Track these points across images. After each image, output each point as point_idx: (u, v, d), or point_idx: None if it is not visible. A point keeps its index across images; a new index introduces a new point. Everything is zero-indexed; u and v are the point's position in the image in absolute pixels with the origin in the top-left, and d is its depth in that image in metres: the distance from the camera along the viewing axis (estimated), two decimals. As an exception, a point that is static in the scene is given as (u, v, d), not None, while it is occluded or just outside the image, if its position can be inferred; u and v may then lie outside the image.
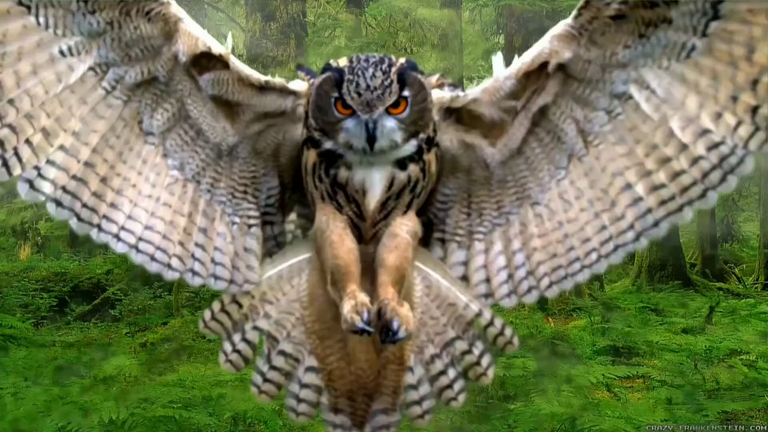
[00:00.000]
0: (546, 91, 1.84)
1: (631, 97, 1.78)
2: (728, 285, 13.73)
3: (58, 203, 1.77)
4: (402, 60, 1.82)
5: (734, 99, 1.67)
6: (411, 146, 1.83)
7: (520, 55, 1.85)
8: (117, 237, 1.83)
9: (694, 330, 9.00)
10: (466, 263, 2.02)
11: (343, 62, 1.81)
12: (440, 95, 1.92)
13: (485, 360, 2.03)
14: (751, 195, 18.59)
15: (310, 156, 1.87)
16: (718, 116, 1.69)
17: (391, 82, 1.75)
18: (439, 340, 1.99)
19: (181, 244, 1.87)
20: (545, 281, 1.94)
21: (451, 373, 2.00)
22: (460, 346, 2.00)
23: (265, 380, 1.96)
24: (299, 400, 1.98)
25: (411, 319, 1.77)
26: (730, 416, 5.93)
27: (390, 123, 1.78)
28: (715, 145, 1.71)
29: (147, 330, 8.43)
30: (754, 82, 1.65)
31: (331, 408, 1.98)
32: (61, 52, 1.73)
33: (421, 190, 1.90)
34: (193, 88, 1.86)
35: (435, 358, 1.98)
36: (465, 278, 2.02)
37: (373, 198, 1.86)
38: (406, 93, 1.77)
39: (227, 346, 1.96)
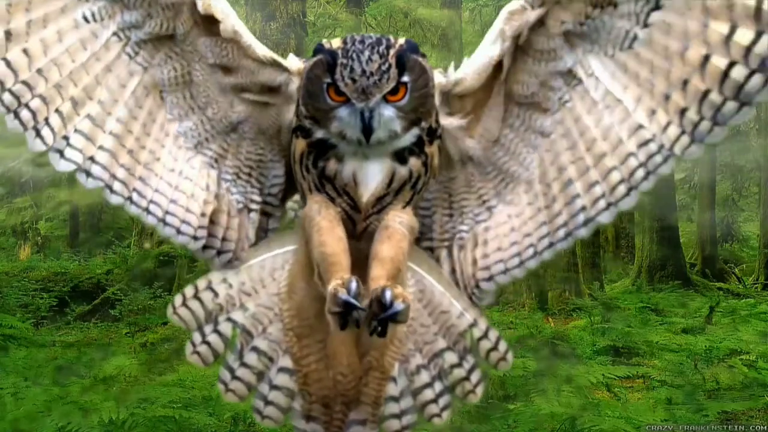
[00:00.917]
0: (510, 71, 1.79)
1: (580, 82, 1.75)
2: (728, 285, 13.73)
3: (88, 173, 1.72)
4: (401, 41, 1.69)
5: (667, 97, 1.66)
6: (411, 136, 1.71)
7: None
8: (147, 210, 1.79)
9: (694, 330, 9.00)
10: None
11: (336, 43, 1.67)
12: (440, 79, 1.81)
13: (475, 376, 1.86)
14: (751, 195, 18.59)
15: (299, 145, 1.76)
16: (652, 113, 1.69)
17: (389, 66, 1.62)
18: (428, 350, 1.86)
19: (203, 216, 1.83)
20: (485, 273, 1.89)
21: (437, 387, 1.85)
22: (450, 358, 1.86)
23: (234, 378, 1.84)
24: (267, 403, 1.85)
25: (408, 296, 1.61)
26: (730, 416, 5.93)
27: (388, 112, 1.66)
28: (645, 142, 1.72)
29: (147, 330, 8.44)
30: (685, 82, 1.63)
31: (303, 415, 1.84)
32: (85, 18, 1.70)
33: (422, 186, 1.78)
34: (202, 55, 1.79)
35: (421, 369, 1.85)
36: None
37: (367, 191, 1.74)
38: (405, 78, 1.65)
39: (196, 337, 1.84)
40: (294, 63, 1.83)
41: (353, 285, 1.57)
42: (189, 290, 1.85)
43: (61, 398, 5.35)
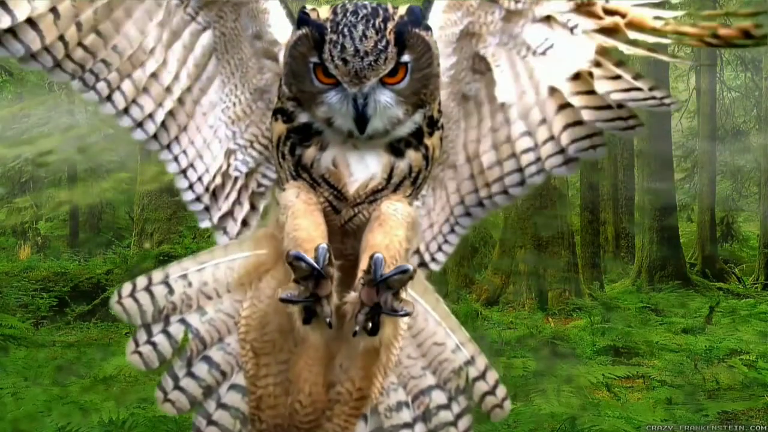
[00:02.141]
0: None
1: (489, 70, 1.66)
2: (728, 285, 13.73)
3: (155, 137, 1.69)
4: (401, 11, 1.46)
5: (556, 112, 1.60)
6: (412, 123, 1.51)
7: None
8: (176, 158, 1.72)
9: (694, 330, 9.00)
10: None
11: (324, 14, 1.46)
12: None
13: (463, 423, 1.64)
14: (751, 195, 18.59)
15: (277, 129, 1.56)
16: (542, 122, 1.62)
17: (387, 44, 1.41)
18: (413, 385, 1.63)
19: (214, 178, 1.75)
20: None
21: (418, 430, 1.62)
22: (438, 398, 1.63)
23: (178, 387, 1.61)
24: (210, 422, 1.61)
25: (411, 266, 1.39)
26: (730, 416, 5.93)
27: (385, 97, 1.46)
28: (526, 150, 1.66)
29: (147, 330, 8.42)
30: (564, 105, 1.58)
31: None
32: None
33: (422, 181, 1.60)
34: (241, 16, 1.68)
35: (402, 407, 1.62)
36: None
37: (354, 182, 1.53)
38: (406, 57, 1.44)
39: (141, 335, 1.62)
40: (283, 27, 1.65)
41: (322, 252, 1.36)
42: (141, 281, 1.63)
43: (61, 398, 5.34)
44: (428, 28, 1.48)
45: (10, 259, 12.98)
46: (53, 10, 1.53)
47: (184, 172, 1.74)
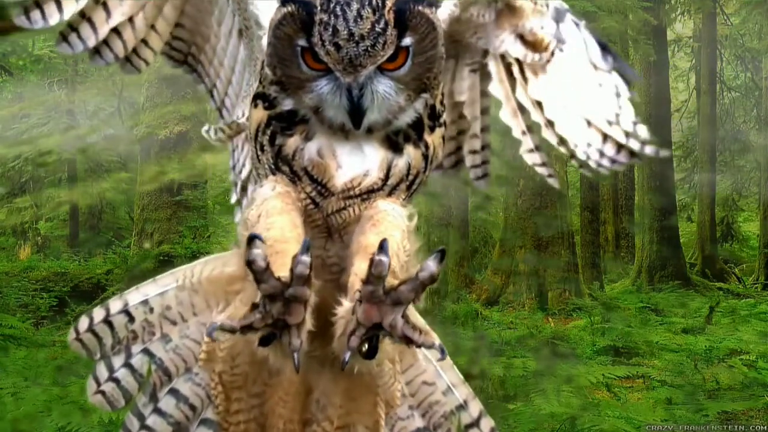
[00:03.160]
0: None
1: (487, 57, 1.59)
2: (728, 285, 13.73)
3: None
4: None
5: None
6: (413, 112, 1.34)
7: None
8: (210, 92, 1.70)
9: (694, 330, 9.00)
10: None
11: None
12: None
13: None
14: (751, 195, 18.59)
15: (256, 116, 1.39)
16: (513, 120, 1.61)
17: (386, 25, 1.23)
18: (400, 427, 1.46)
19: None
20: None
21: None
22: None
23: (144, 428, 1.44)
24: None
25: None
26: (730, 416, 5.93)
27: (383, 86, 1.29)
28: (478, 150, 1.65)
29: (147, 330, 8.42)
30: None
31: None
32: None
33: (417, 188, 1.42)
34: None
35: None
36: None
37: (343, 175, 1.34)
38: (407, 40, 1.27)
39: (101, 370, 1.45)
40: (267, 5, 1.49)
41: (302, 263, 1.13)
42: (99, 312, 1.48)
43: (61, 398, 5.34)
44: (432, 4, 1.30)
45: (10, 259, 12.98)
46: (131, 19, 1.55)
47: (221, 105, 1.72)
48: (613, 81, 1.55)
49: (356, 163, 1.35)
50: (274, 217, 1.31)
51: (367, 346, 1.16)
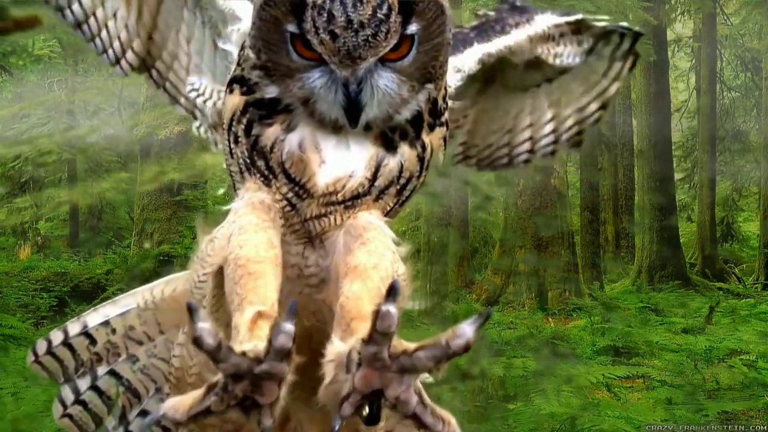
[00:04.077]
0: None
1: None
2: (728, 285, 13.73)
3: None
4: None
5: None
6: (417, 104, 1.20)
7: None
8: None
9: (694, 330, 9.00)
10: None
11: None
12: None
13: None
14: (751, 195, 18.58)
15: (231, 102, 1.24)
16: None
17: (389, 10, 1.08)
18: None
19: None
20: None
21: None
22: None
23: None
24: None
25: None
26: (730, 416, 5.93)
27: (384, 80, 1.16)
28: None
29: (147, 330, 8.42)
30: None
31: None
32: None
33: (408, 196, 1.27)
34: None
35: None
36: None
37: (326, 174, 1.20)
38: (413, 28, 1.12)
39: (66, 394, 1.39)
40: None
41: (284, 333, 0.90)
42: (56, 335, 1.41)
43: (61, 398, 5.34)
44: None
45: (10, 259, 12.98)
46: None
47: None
48: None
49: (341, 160, 1.20)
50: (249, 234, 1.16)
51: (367, 410, 0.94)
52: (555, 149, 1.69)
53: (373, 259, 1.14)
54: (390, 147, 1.21)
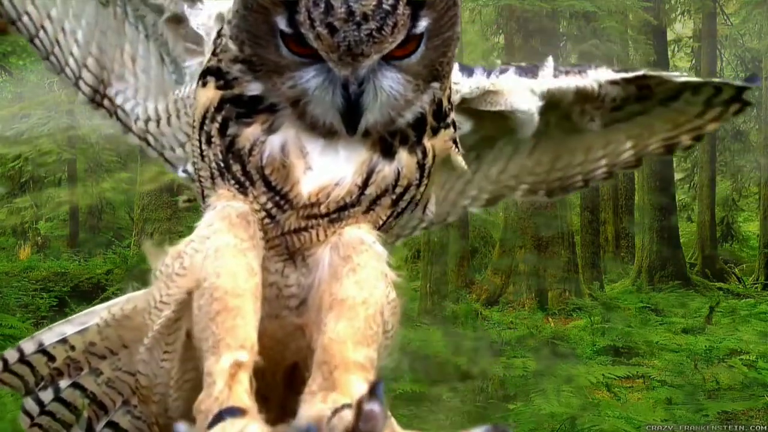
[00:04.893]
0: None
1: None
2: (728, 285, 13.73)
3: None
4: None
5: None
6: (420, 105, 1.09)
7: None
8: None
9: (694, 330, 9.00)
10: None
11: None
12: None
13: None
14: (751, 195, 18.58)
15: (204, 96, 1.11)
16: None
17: (397, 1, 0.96)
18: None
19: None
20: None
21: None
22: None
23: None
24: None
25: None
26: (730, 416, 5.93)
27: (389, 81, 1.04)
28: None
29: (147, 330, 8.43)
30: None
31: None
32: None
33: (408, 205, 1.15)
34: None
35: None
36: None
37: (311, 182, 1.07)
38: (423, 23, 1.00)
39: (31, 406, 1.37)
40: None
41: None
42: (11, 354, 1.38)
43: (61, 398, 5.35)
44: None
45: (10, 259, 12.97)
46: None
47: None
48: None
49: (328, 166, 1.07)
50: (226, 259, 1.02)
51: None
52: (636, 165, 1.62)
53: (362, 293, 1.03)
54: (387, 153, 1.09)
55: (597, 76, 1.37)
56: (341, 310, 1.01)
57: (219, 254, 1.03)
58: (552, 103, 1.38)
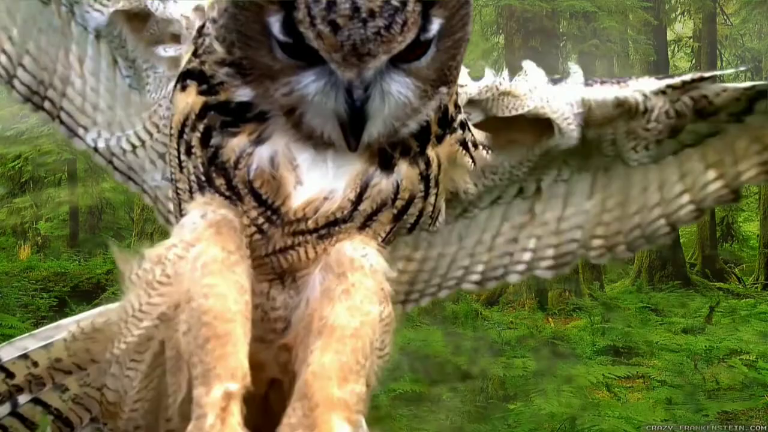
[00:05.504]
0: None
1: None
2: (728, 285, 13.73)
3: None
4: None
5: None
6: (426, 114, 1.00)
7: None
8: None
9: (694, 330, 9.00)
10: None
11: None
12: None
13: None
14: (751, 195, 18.58)
15: (184, 101, 1.02)
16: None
17: None
18: None
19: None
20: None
21: None
22: None
23: None
24: None
25: None
26: (730, 416, 5.93)
27: (398, 86, 0.94)
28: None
29: (147, 330, 8.43)
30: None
31: None
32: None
33: (418, 218, 1.06)
34: None
35: None
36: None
37: (301, 196, 0.99)
38: (435, 23, 0.91)
39: None
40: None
41: None
42: None
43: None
44: None
45: (10, 259, 12.97)
46: None
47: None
48: None
49: (318, 178, 0.98)
50: (215, 277, 0.94)
51: None
52: (734, 198, 1.44)
53: (353, 321, 0.96)
54: (386, 165, 0.99)
55: (639, 86, 1.23)
56: (329, 340, 0.94)
57: (206, 269, 0.95)
58: (592, 119, 1.22)
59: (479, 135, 1.19)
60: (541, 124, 1.23)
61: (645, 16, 11.75)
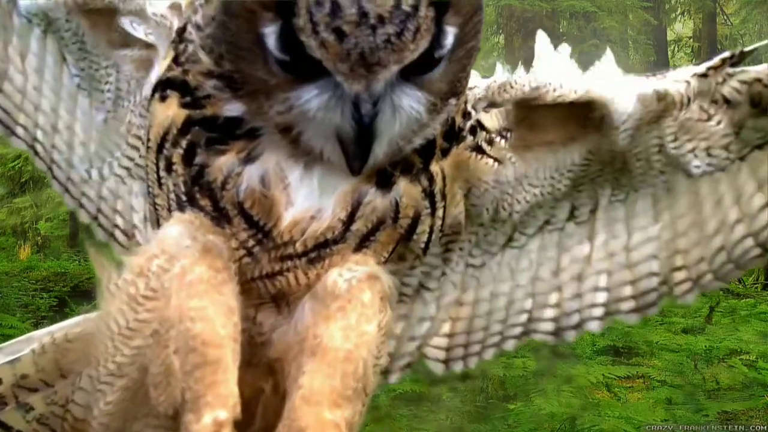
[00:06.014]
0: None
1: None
2: (728, 285, 13.73)
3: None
4: None
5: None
6: (434, 129, 0.93)
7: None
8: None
9: (694, 330, 8.99)
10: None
11: None
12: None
13: None
14: (751, 195, 18.62)
15: (162, 112, 0.93)
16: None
17: (418, 1, 0.80)
18: None
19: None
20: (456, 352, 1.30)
21: None
22: None
23: None
24: None
25: None
26: (730, 416, 5.93)
27: (408, 100, 0.86)
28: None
29: (147, 330, 8.43)
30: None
31: None
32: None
33: (427, 238, 1.00)
34: None
35: None
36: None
37: (292, 216, 0.92)
38: (450, 29, 0.84)
39: None
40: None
41: None
42: None
43: (61, 398, 5.35)
44: None
45: (10, 259, 12.97)
46: None
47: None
48: None
49: (305, 196, 0.91)
50: (202, 298, 0.88)
51: None
52: None
53: (347, 344, 0.90)
54: (384, 183, 0.92)
55: (677, 76, 1.13)
56: (321, 364, 0.89)
57: (193, 289, 0.89)
58: (637, 116, 1.10)
59: (495, 121, 1.07)
60: (577, 123, 1.13)
61: (645, 16, 11.77)
